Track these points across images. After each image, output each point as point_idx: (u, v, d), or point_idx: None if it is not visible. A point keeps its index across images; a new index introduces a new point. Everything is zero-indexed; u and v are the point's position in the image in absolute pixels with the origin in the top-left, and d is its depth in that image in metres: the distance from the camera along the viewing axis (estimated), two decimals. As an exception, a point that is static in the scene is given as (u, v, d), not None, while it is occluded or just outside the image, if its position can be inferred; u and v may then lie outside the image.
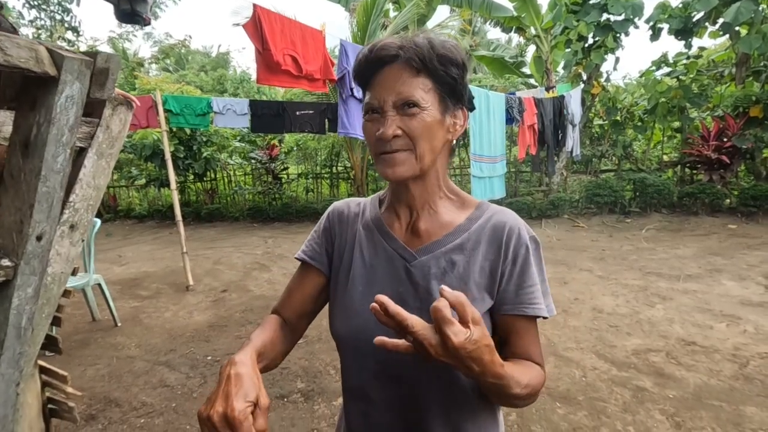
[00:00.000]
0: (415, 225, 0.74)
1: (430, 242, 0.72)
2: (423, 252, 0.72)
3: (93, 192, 1.23)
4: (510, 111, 5.57)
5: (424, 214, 0.74)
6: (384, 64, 0.67)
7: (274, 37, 3.21)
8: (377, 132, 0.66)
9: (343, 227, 0.82)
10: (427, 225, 0.74)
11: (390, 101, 0.65)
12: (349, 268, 0.77)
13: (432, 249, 0.72)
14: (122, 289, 4.83)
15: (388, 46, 0.66)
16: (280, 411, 2.44)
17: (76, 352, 3.26)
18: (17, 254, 0.84)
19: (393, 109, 0.65)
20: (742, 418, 2.19)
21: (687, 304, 3.70)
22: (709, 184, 6.97)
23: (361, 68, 0.69)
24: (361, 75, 0.70)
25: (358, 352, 0.73)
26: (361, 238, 0.78)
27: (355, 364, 0.75)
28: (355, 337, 0.73)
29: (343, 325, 0.74)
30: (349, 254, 0.78)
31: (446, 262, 0.70)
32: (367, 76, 0.69)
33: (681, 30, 7.24)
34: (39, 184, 0.80)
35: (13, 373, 0.95)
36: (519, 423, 2.25)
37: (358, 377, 0.75)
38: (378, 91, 0.66)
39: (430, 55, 0.65)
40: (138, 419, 2.41)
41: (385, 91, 0.66)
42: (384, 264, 0.74)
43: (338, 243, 0.81)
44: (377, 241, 0.76)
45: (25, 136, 0.78)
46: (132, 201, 10.81)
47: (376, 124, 0.67)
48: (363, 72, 0.69)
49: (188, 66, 21.96)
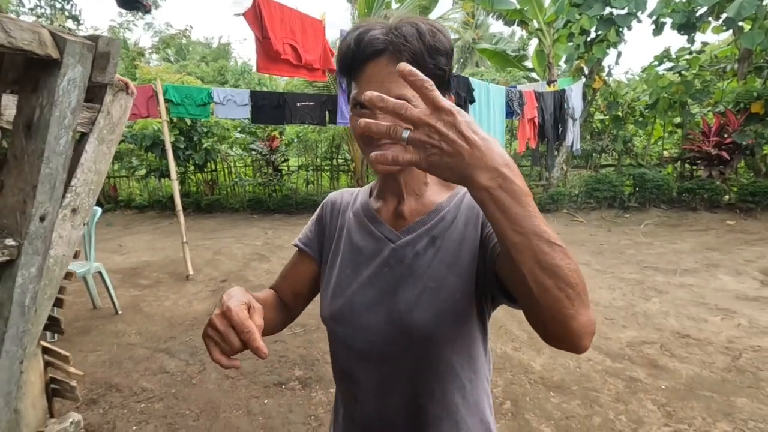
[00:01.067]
0: (400, 208, 0.75)
1: (414, 222, 0.74)
2: (406, 232, 0.73)
3: (94, 176, 1.25)
4: (510, 104, 5.56)
5: (410, 198, 0.75)
6: (371, 58, 0.63)
7: (274, 26, 3.20)
8: (362, 124, 0.65)
9: (335, 216, 0.84)
10: (411, 208, 0.75)
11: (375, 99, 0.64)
12: (338, 253, 0.79)
13: (415, 228, 0.73)
14: (123, 278, 4.86)
15: (375, 40, 0.62)
16: (278, 398, 2.48)
17: (77, 338, 3.30)
18: (21, 234, 0.86)
19: None
20: (732, 409, 2.23)
21: (683, 297, 3.74)
22: (708, 179, 6.98)
23: (347, 60, 0.66)
24: (346, 67, 0.67)
25: (345, 334, 0.75)
26: (350, 224, 0.80)
27: (342, 345, 0.77)
28: (341, 319, 0.74)
29: (331, 307, 0.76)
30: (338, 240, 0.81)
31: (428, 238, 0.71)
32: (352, 68, 0.66)
33: (684, 25, 7.21)
34: (42, 166, 0.82)
35: (16, 351, 0.97)
36: (513, 411, 2.29)
37: (345, 359, 0.76)
38: (365, 87, 0.64)
39: (420, 49, 0.62)
40: (138, 404, 2.45)
41: (373, 87, 0.62)
42: (371, 247, 0.75)
43: (329, 231, 0.84)
44: (365, 225, 0.78)
45: (27, 118, 0.80)
46: (132, 191, 10.82)
47: (361, 117, 0.65)
48: (348, 64, 0.66)
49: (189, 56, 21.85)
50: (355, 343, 0.74)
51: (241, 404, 2.43)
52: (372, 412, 0.75)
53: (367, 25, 0.65)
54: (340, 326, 0.75)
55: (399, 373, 0.71)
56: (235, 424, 2.25)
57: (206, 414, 2.35)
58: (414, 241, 0.72)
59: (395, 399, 0.73)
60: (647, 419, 2.18)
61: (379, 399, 0.74)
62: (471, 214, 0.72)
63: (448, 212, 0.73)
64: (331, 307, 0.76)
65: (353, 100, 0.67)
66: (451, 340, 0.69)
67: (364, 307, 0.73)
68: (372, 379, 0.73)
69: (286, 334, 3.28)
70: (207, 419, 2.30)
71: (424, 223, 0.73)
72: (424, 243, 0.72)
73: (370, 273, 0.74)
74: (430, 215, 0.73)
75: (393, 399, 0.73)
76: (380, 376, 0.73)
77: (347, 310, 0.73)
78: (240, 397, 2.49)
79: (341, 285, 0.76)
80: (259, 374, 2.73)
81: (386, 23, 0.65)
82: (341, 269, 0.77)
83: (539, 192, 8.15)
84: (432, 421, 0.71)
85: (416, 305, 0.68)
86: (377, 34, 0.63)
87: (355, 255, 0.77)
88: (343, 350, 0.77)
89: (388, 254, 0.73)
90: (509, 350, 2.95)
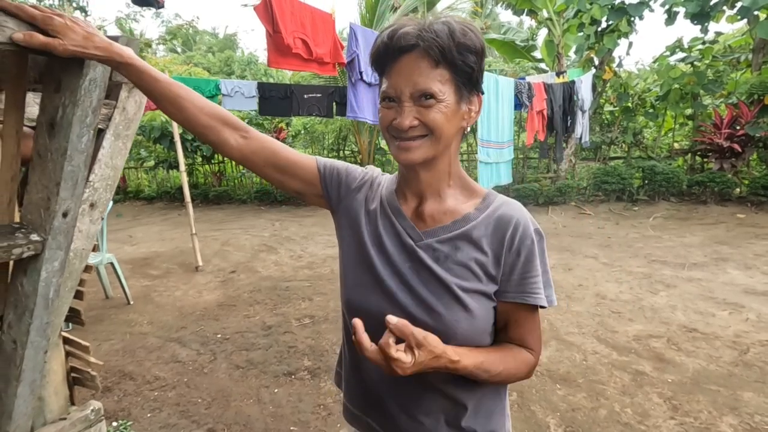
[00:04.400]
0: (420, 209, 0.76)
1: (436, 227, 0.75)
2: (429, 235, 0.74)
3: (111, 172, 1.27)
4: (519, 96, 5.52)
5: (431, 199, 0.76)
6: (402, 53, 0.66)
7: (285, 20, 3.19)
8: (393, 121, 0.67)
9: (367, 191, 0.83)
10: (433, 210, 0.76)
11: (407, 92, 0.66)
12: (360, 237, 0.79)
13: (438, 233, 0.74)
14: (133, 269, 4.94)
15: (407, 35, 0.65)
16: (287, 387, 2.53)
17: (90, 327, 3.37)
18: (45, 230, 0.89)
19: (410, 99, 0.66)
20: (738, 403, 2.24)
21: (691, 291, 3.73)
22: (719, 172, 6.89)
23: (379, 54, 0.69)
24: (379, 61, 0.70)
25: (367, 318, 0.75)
26: (377, 210, 0.79)
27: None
28: (365, 306, 0.76)
29: (357, 294, 0.77)
30: (359, 220, 0.80)
31: (451, 247, 0.73)
32: (384, 63, 0.69)
33: (697, 14, 7.06)
34: (65, 163, 0.84)
35: (41, 341, 1.01)
36: (519, 402, 2.32)
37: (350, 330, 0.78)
38: (395, 80, 0.66)
39: (450, 45, 0.64)
40: (152, 392, 2.51)
41: (402, 80, 0.66)
42: (393, 240, 0.76)
43: (352, 200, 0.82)
44: (388, 216, 0.78)
45: (51, 116, 0.82)
46: (141, 182, 10.93)
47: (392, 112, 0.68)
48: (381, 58, 0.69)
49: (195, 47, 21.83)
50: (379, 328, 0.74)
51: (251, 393, 2.48)
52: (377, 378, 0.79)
53: (402, 23, 0.68)
54: (366, 312, 0.75)
55: None
56: (246, 413, 2.30)
57: (218, 402, 2.40)
58: (437, 245, 0.73)
59: (403, 389, 0.76)
60: (653, 412, 2.20)
61: (387, 386, 0.78)
62: (495, 237, 0.73)
63: (474, 227, 0.73)
64: (361, 295, 0.77)
65: (383, 93, 0.70)
66: (463, 341, 0.71)
67: (377, 301, 0.75)
68: None
69: (295, 325, 3.33)
70: (218, 407, 2.36)
71: (449, 230, 0.74)
72: (447, 250, 0.73)
73: (395, 268, 0.75)
74: (455, 224, 0.74)
75: (401, 389, 0.76)
76: None
77: (375, 298, 0.75)
78: (250, 386, 2.54)
79: (370, 273, 0.76)
80: (269, 364, 2.78)
81: (421, 21, 0.67)
82: (367, 257, 0.77)
83: (547, 184, 8.11)
84: None
85: (432, 306, 0.71)
86: (409, 29, 0.66)
87: (379, 245, 0.77)
88: None
89: (410, 253, 0.74)
90: (516, 343, 2.97)
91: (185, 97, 0.73)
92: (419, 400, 0.76)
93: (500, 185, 6.01)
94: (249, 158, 0.78)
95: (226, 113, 0.78)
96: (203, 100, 0.76)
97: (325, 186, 0.82)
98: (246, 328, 3.33)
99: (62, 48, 0.64)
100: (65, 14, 0.67)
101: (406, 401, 0.76)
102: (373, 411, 0.81)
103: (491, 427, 0.78)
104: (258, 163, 0.79)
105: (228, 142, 0.77)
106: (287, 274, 4.61)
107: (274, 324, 3.38)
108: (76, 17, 0.69)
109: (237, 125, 0.78)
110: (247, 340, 3.13)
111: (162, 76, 0.73)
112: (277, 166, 0.79)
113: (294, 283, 4.28)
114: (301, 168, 0.81)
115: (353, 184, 0.83)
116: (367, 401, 0.82)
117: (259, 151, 0.78)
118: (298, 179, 0.81)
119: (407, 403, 0.76)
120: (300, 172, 0.81)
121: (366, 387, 0.81)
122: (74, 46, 0.65)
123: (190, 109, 0.74)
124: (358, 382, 0.83)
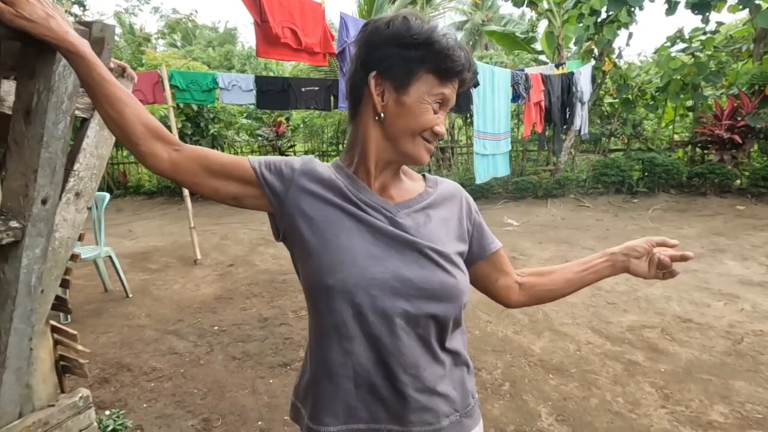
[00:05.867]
0: (386, 189, 0.81)
1: (403, 201, 0.81)
2: (402, 207, 0.79)
3: (96, 161, 1.28)
4: (516, 87, 5.49)
5: (393, 183, 0.82)
6: (461, 77, 0.75)
7: (273, 9, 3.18)
8: (437, 126, 0.75)
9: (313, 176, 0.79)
10: (398, 190, 0.83)
11: (449, 106, 0.77)
12: (333, 220, 0.76)
13: (410, 205, 0.80)
14: (132, 262, 4.97)
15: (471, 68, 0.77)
16: (282, 378, 2.55)
17: (89, 320, 3.40)
18: (24, 216, 0.90)
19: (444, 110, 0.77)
20: (730, 391, 2.25)
21: (686, 282, 3.73)
22: (719, 164, 6.86)
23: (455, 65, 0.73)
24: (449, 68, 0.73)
25: (357, 296, 0.72)
26: (339, 189, 0.77)
27: (348, 306, 0.73)
28: (355, 284, 0.72)
29: (344, 275, 0.72)
30: (323, 200, 0.77)
31: (424, 216, 0.80)
32: (451, 72, 0.74)
33: (698, 4, 6.99)
34: (42, 150, 0.85)
35: (25, 329, 1.02)
36: (512, 392, 2.33)
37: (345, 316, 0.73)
38: (452, 92, 0.75)
39: (471, 79, 0.78)
40: (148, 383, 2.54)
41: (451, 95, 0.76)
42: (370, 215, 0.76)
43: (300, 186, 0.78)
44: (357, 195, 0.77)
45: (26, 104, 0.83)
46: (141, 177, 10.94)
47: (436, 117, 0.75)
48: (453, 67, 0.73)
49: (195, 41, 21.76)
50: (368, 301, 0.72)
51: (246, 384, 2.50)
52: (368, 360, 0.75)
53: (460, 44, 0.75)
54: (354, 289, 0.72)
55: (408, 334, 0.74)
56: (241, 403, 2.33)
57: (213, 393, 2.43)
58: (413, 215, 0.79)
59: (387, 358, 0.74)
60: (644, 401, 2.21)
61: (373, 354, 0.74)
62: (451, 204, 0.86)
63: (435, 200, 0.84)
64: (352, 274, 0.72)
65: (439, 94, 0.74)
66: (463, 296, 0.78)
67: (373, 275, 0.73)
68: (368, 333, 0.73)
69: (291, 317, 3.35)
70: (214, 398, 2.38)
71: (416, 202, 0.82)
72: (422, 219, 0.80)
73: (380, 240, 0.74)
74: (418, 198, 0.83)
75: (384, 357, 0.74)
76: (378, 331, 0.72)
77: (369, 275, 0.72)
78: (246, 377, 2.57)
79: (356, 251, 0.73)
80: (265, 355, 2.80)
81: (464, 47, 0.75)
82: (350, 235, 0.74)
83: (546, 177, 8.09)
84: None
85: (423, 268, 0.75)
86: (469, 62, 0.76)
87: (359, 224, 0.75)
88: (349, 309, 0.73)
89: (391, 225, 0.76)
90: (510, 333, 2.98)
91: (127, 103, 0.71)
92: (423, 369, 0.75)
93: (497, 177, 6.00)
94: (180, 168, 0.75)
95: (163, 129, 0.76)
96: (144, 112, 0.73)
97: (264, 182, 0.77)
98: (242, 320, 3.36)
99: (9, 16, 0.63)
100: None
101: (407, 378, 0.74)
102: (362, 410, 0.76)
103: None
104: (190, 171, 0.76)
105: (159, 154, 0.74)
106: (284, 267, 4.62)
107: (270, 316, 3.40)
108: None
109: (171, 140, 0.76)
110: (244, 332, 3.16)
111: (110, 77, 0.70)
112: (210, 171, 0.76)
113: (291, 276, 4.29)
114: (236, 169, 0.77)
115: (297, 169, 0.79)
116: (350, 405, 0.76)
117: (192, 159, 0.76)
118: (234, 181, 0.77)
119: (408, 378, 0.74)
120: (235, 173, 0.77)
121: (347, 388, 0.76)
122: (23, 20, 0.64)
123: (129, 116, 0.71)
124: (336, 387, 0.76)
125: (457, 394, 0.80)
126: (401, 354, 0.73)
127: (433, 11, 10.28)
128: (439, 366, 0.78)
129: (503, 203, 7.71)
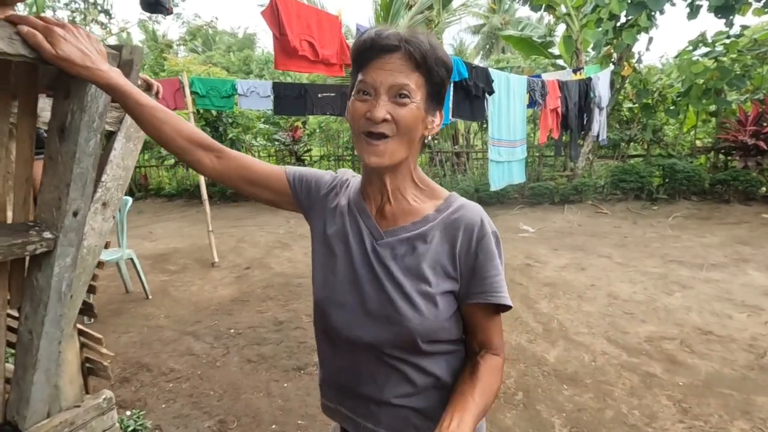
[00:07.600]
0: (383, 208, 0.80)
1: (396, 226, 0.79)
2: (390, 234, 0.79)
3: (122, 172, 1.34)
4: (532, 94, 5.45)
5: (393, 200, 0.80)
6: (386, 51, 0.70)
7: (291, 23, 3.25)
8: (366, 112, 0.70)
9: (334, 193, 0.88)
10: (395, 210, 0.80)
11: (386, 86, 0.69)
12: (327, 237, 0.84)
13: (398, 233, 0.78)
14: (152, 264, 5.10)
15: (393, 36, 0.70)
16: (296, 381, 2.59)
17: (110, 320, 3.51)
18: (57, 228, 0.95)
19: (386, 94, 0.70)
20: (751, 407, 2.19)
21: (707, 293, 3.64)
22: (743, 170, 6.68)
23: (363, 49, 0.72)
24: (361, 56, 0.73)
25: (330, 311, 0.81)
26: (344, 209, 0.84)
27: (319, 318, 0.85)
28: (330, 301, 0.81)
29: (324, 290, 0.82)
30: (327, 221, 0.85)
31: (408, 246, 0.77)
32: (365, 58, 0.72)
33: (721, 7, 6.83)
34: (74, 166, 0.90)
35: (55, 332, 1.08)
36: (525, 402, 2.32)
37: (325, 323, 0.84)
38: (376, 75, 0.70)
39: (431, 54, 0.70)
40: (167, 383, 2.60)
41: (382, 76, 0.69)
42: (357, 239, 0.81)
43: (320, 204, 0.88)
44: (354, 216, 0.83)
45: (61, 122, 0.88)
46: (162, 180, 11.20)
47: (366, 104, 0.71)
48: (363, 53, 0.72)
49: (215, 47, 22.20)
50: (330, 322, 0.81)
51: (261, 386, 2.55)
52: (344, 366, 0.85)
53: (388, 29, 0.72)
54: (328, 306, 0.82)
55: (371, 353, 0.79)
56: (256, 405, 2.37)
57: (229, 395, 2.48)
58: (395, 244, 0.78)
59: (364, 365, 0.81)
60: (661, 414, 2.17)
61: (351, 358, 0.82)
62: (449, 234, 0.77)
63: (432, 228, 0.77)
64: (327, 292, 0.82)
65: (359, 85, 0.72)
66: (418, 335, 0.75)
67: (351, 296, 0.79)
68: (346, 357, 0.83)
69: (306, 321, 3.39)
70: (229, 399, 2.43)
71: (408, 230, 0.78)
72: (404, 250, 0.77)
73: (358, 264, 0.79)
74: (415, 224, 0.78)
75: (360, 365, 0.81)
76: (353, 356, 0.81)
77: (340, 293, 0.80)
78: (260, 380, 2.61)
79: (336, 271, 0.81)
80: (279, 359, 2.85)
81: (405, 31, 0.72)
82: (333, 255, 0.82)
83: (563, 182, 7.99)
84: None
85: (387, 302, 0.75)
86: (395, 32, 0.71)
87: (345, 243, 0.82)
88: (327, 319, 0.83)
89: (371, 251, 0.79)
90: (524, 342, 2.96)
91: (165, 121, 0.78)
92: (385, 384, 0.79)
93: (513, 184, 5.96)
94: (223, 175, 0.84)
95: (203, 136, 0.83)
96: (182, 124, 0.81)
97: (295, 194, 0.88)
98: (258, 323, 3.41)
99: (48, 54, 0.69)
100: (70, 27, 0.72)
101: (372, 388, 0.80)
102: (345, 399, 0.86)
103: None
104: (232, 179, 0.85)
105: (202, 161, 0.82)
106: (300, 270, 4.68)
107: (285, 320, 3.45)
108: (85, 31, 0.73)
109: (212, 147, 0.83)
110: (259, 335, 3.21)
111: (145, 100, 0.76)
112: (249, 181, 0.86)
113: (306, 280, 4.34)
114: (273, 180, 0.87)
115: (323, 189, 0.88)
116: (339, 390, 0.87)
117: (233, 169, 0.84)
118: (270, 190, 0.87)
119: (374, 388, 0.80)
120: (272, 184, 0.87)
121: (336, 377, 0.87)
122: (60, 60, 0.69)
123: (168, 132, 0.78)
124: (330, 374, 0.88)
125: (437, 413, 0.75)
126: (357, 368, 0.82)
127: (450, 16, 10.28)
128: (407, 384, 0.79)
129: (519, 209, 7.65)
